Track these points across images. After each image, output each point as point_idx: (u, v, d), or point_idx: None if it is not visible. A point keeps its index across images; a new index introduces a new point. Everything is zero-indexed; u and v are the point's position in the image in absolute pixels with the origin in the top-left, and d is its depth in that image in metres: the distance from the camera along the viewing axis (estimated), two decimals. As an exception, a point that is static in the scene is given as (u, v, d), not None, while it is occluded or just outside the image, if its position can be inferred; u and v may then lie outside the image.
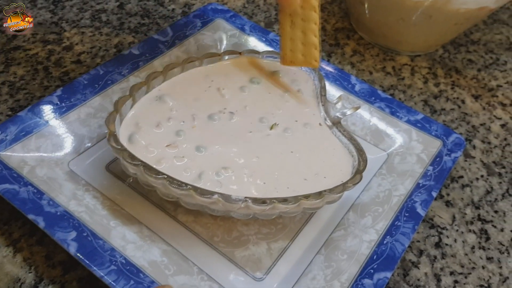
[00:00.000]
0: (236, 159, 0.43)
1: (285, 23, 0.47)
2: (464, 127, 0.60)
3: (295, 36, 0.47)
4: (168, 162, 0.42)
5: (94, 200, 0.44)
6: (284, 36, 0.48)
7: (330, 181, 0.43)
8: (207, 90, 0.48)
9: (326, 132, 0.48)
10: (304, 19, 0.46)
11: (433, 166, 0.51)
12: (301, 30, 0.47)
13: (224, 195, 0.39)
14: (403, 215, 0.46)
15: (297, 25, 0.47)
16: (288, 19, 0.47)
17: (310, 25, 0.46)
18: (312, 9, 0.46)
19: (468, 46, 0.72)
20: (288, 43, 0.48)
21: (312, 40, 0.47)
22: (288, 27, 0.47)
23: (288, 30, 0.47)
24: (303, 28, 0.47)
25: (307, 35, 0.47)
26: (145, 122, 0.44)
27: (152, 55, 0.56)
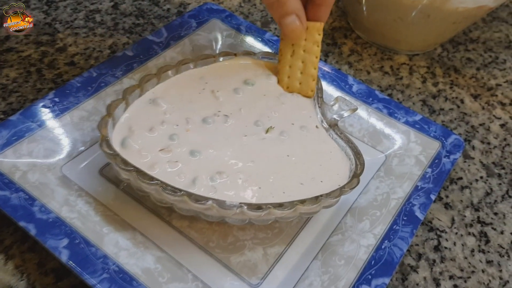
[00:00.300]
0: (231, 163, 0.42)
1: (287, 51, 0.48)
2: (463, 127, 0.60)
3: (294, 64, 0.49)
4: (162, 167, 0.41)
5: (86, 205, 0.44)
6: (283, 62, 0.49)
7: (327, 185, 0.43)
8: (201, 92, 0.47)
9: (323, 135, 0.47)
10: (306, 50, 0.48)
11: (432, 168, 0.50)
12: (301, 60, 0.48)
13: (218, 201, 0.39)
14: (402, 219, 0.46)
15: (298, 55, 0.48)
16: (290, 48, 0.48)
17: (311, 57, 0.48)
18: (316, 44, 0.47)
19: (467, 45, 0.72)
20: (287, 70, 0.49)
21: (311, 71, 0.48)
22: (289, 56, 0.48)
23: (288, 58, 0.49)
24: (304, 59, 0.48)
25: (306, 66, 0.48)
26: (138, 125, 0.43)
27: (146, 57, 0.56)
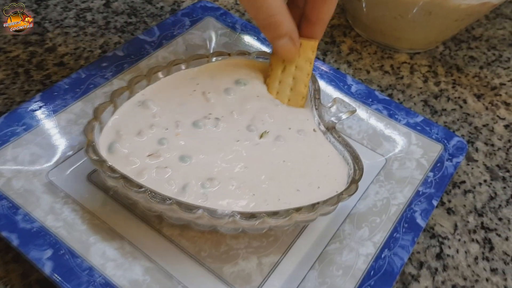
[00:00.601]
0: (223, 169, 0.40)
1: (277, 66, 0.46)
2: (466, 128, 0.58)
3: (284, 81, 0.47)
4: (150, 173, 0.39)
5: (73, 213, 0.42)
6: (273, 77, 0.47)
7: (324, 192, 0.41)
8: (192, 94, 0.45)
9: (320, 138, 0.45)
10: (297, 67, 0.46)
11: (434, 172, 0.48)
12: (292, 77, 0.46)
13: (209, 209, 0.37)
14: (402, 226, 0.44)
15: (289, 71, 0.46)
16: (281, 64, 0.46)
17: (302, 75, 0.46)
18: (308, 61, 0.46)
19: (470, 42, 0.70)
20: (276, 86, 0.47)
21: (301, 90, 0.46)
22: (280, 71, 0.47)
23: (278, 74, 0.47)
24: (295, 76, 0.46)
25: (297, 83, 0.46)
26: (126, 129, 0.41)
27: (137, 57, 0.54)
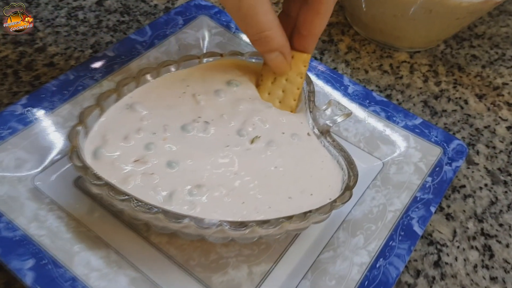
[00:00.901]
0: (211, 175, 0.39)
1: (268, 77, 0.45)
2: (467, 130, 0.56)
3: (274, 92, 0.45)
4: (136, 180, 0.37)
5: (58, 221, 0.40)
6: (262, 88, 0.46)
7: (317, 199, 0.39)
8: (181, 96, 0.44)
9: (315, 143, 0.43)
10: (288, 80, 0.45)
11: (432, 177, 0.46)
12: (282, 89, 0.45)
13: (196, 218, 0.35)
14: (398, 234, 0.42)
15: (279, 83, 0.45)
16: (271, 75, 0.45)
17: (293, 88, 0.45)
18: (299, 75, 0.44)
19: (472, 41, 0.68)
20: (266, 97, 0.46)
21: (290, 103, 0.45)
22: (270, 82, 0.45)
23: (268, 85, 0.45)
24: (285, 88, 0.45)
25: (286, 96, 0.45)
26: (112, 134, 0.40)
27: (128, 57, 0.52)
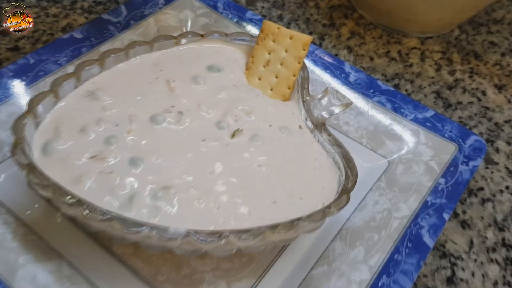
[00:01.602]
0: (182, 176, 0.33)
1: (259, 60, 0.40)
2: (485, 125, 0.49)
3: (265, 77, 0.40)
4: (91, 179, 0.31)
5: (3, 227, 0.35)
6: (253, 72, 0.40)
7: (308, 204, 0.33)
8: (153, 82, 0.38)
9: (308, 137, 0.37)
10: (284, 64, 0.39)
11: (446, 179, 0.40)
12: (275, 75, 0.39)
13: (159, 227, 0.29)
14: (405, 246, 0.36)
15: (273, 67, 0.39)
16: (264, 57, 0.40)
17: (288, 74, 0.39)
18: (297, 59, 0.39)
19: (490, 26, 0.61)
20: (256, 83, 0.40)
21: (284, 91, 0.40)
22: (261, 66, 0.40)
23: (260, 69, 0.40)
24: (279, 74, 0.39)
25: (280, 83, 0.39)
26: (67, 125, 0.34)
27: (99, 39, 0.46)
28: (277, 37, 0.39)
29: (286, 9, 0.59)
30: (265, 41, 0.39)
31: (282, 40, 0.39)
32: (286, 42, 0.39)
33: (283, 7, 0.59)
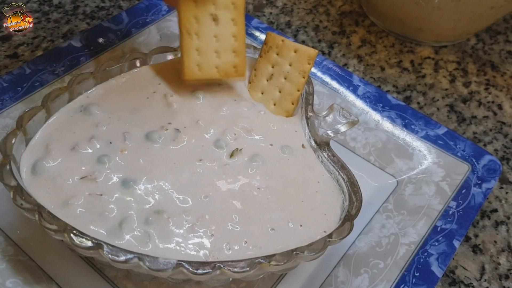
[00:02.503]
0: (175, 198, 0.31)
1: (262, 74, 0.38)
2: (500, 141, 0.47)
3: (269, 91, 0.38)
4: (80, 201, 0.30)
5: (-9, 247, 0.33)
6: (255, 85, 0.38)
7: (309, 232, 0.31)
8: (150, 97, 0.36)
9: (311, 158, 0.35)
10: (287, 79, 0.37)
11: (457, 202, 0.38)
12: (279, 89, 0.38)
13: (149, 257, 0.27)
14: (413, 275, 0.34)
15: (276, 81, 0.37)
16: (268, 70, 0.38)
17: (292, 89, 0.37)
18: (302, 74, 0.37)
19: (508, 35, 0.58)
20: (259, 97, 0.38)
21: (287, 106, 0.38)
22: (264, 80, 0.38)
23: (263, 83, 0.38)
24: (282, 88, 0.37)
25: (284, 98, 0.38)
26: (58, 143, 0.33)
27: (98, 48, 0.45)
28: (281, 50, 0.37)
29: (294, 15, 0.57)
30: (268, 53, 0.38)
31: (287, 53, 0.37)
32: (290, 56, 0.37)
33: (292, 13, 0.57)
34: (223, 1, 0.34)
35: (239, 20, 0.35)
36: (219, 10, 0.34)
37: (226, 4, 0.34)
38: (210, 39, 0.35)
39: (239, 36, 0.35)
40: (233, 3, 0.35)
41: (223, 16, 0.35)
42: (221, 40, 0.35)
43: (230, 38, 0.35)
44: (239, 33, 0.35)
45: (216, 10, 0.34)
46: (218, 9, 0.34)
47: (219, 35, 0.35)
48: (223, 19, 0.35)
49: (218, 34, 0.35)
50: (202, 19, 0.34)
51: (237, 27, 0.35)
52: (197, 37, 0.35)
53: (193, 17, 0.34)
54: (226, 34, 0.35)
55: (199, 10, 0.34)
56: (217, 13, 0.34)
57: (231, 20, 0.35)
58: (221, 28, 0.35)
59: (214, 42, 0.35)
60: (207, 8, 0.34)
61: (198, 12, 0.34)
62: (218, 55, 0.35)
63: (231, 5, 0.35)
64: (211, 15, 0.34)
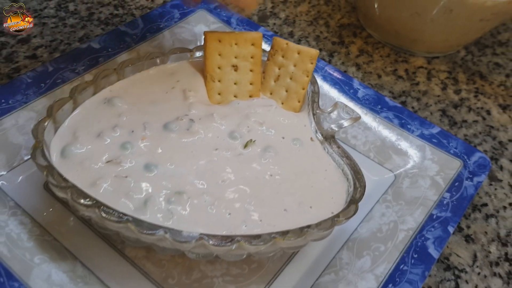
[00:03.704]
0: (195, 181, 0.34)
1: (270, 76, 0.41)
2: (489, 143, 0.50)
3: (276, 92, 0.41)
4: (107, 183, 0.32)
5: (20, 227, 0.36)
6: (264, 87, 0.41)
7: (318, 213, 0.34)
8: (169, 91, 0.39)
9: (318, 149, 0.38)
10: (293, 78, 0.40)
11: (451, 193, 0.41)
12: (286, 89, 0.41)
13: (173, 230, 0.30)
14: (411, 257, 0.36)
15: (282, 81, 0.41)
16: (274, 72, 0.41)
17: (297, 88, 0.40)
18: (306, 73, 0.40)
19: (495, 48, 0.62)
20: (267, 97, 0.41)
21: (294, 104, 0.41)
22: (272, 81, 0.41)
23: (270, 84, 0.41)
24: (288, 88, 0.41)
25: (290, 96, 0.41)
26: (84, 131, 0.35)
27: (116, 50, 0.47)
28: (286, 53, 0.40)
29: (296, 26, 0.60)
30: (274, 56, 0.41)
31: (291, 55, 0.40)
32: (294, 57, 0.40)
33: (294, 24, 0.60)
34: (244, 54, 0.39)
35: (256, 69, 0.40)
36: (240, 61, 0.39)
37: (246, 57, 0.40)
38: (230, 84, 0.40)
39: (255, 82, 0.41)
40: (252, 56, 0.40)
41: (242, 66, 0.40)
42: (240, 85, 0.40)
43: (248, 85, 0.40)
44: (256, 80, 0.41)
45: (237, 61, 0.40)
46: (239, 60, 0.40)
47: (238, 82, 0.40)
48: (242, 68, 0.40)
49: (237, 80, 0.40)
50: (225, 69, 0.40)
51: (253, 74, 0.40)
52: (219, 83, 0.40)
53: (217, 66, 0.40)
54: (244, 81, 0.40)
55: (223, 61, 0.40)
56: (238, 64, 0.40)
57: (249, 71, 0.40)
58: (240, 76, 0.40)
59: (233, 86, 0.40)
60: (230, 59, 0.40)
61: (222, 63, 0.40)
62: (236, 97, 0.40)
63: (250, 59, 0.40)
64: (232, 66, 0.40)
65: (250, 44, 0.39)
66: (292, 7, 0.63)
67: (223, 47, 0.39)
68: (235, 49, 0.39)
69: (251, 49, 0.39)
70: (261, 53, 0.40)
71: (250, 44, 0.39)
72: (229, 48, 0.39)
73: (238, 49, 0.39)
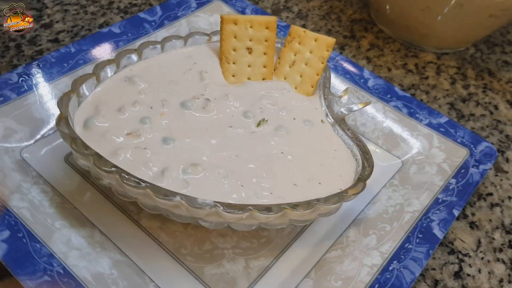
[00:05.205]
0: (210, 155, 0.35)
1: (285, 61, 0.43)
2: (496, 136, 0.51)
3: (291, 77, 0.43)
4: (127, 153, 0.34)
5: (41, 195, 0.37)
6: (279, 72, 0.43)
7: (326, 189, 0.35)
8: (186, 72, 0.40)
9: (328, 130, 0.40)
10: (308, 64, 0.42)
11: (457, 179, 0.42)
12: (300, 74, 0.42)
13: (188, 197, 0.31)
14: (416, 236, 0.38)
15: (298, 67, 0.42)
16: (290, 58, 0.42)
17: (312, 73, 0.42)
18: (321, 60, 0.41)
19: (504, 47, 0.63)
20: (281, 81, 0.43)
21: (307, 89, 0.43)
22: (287, 66, 0.43)
23: (285, 69, 0.43)
24: (303, 73, 0.42)
25: (304, 81, 0.42)
26: (106, 105, 0.37)
27: (135, 35, 0.49)
28: (303, 40, 0.42)
29: (309, 20, 0.62)
30: (291, 43, 0.42)
31: (307, 42, 0.42)
32: (311, 44, 0.42)
33: (307, 18, 0.62)
34: (258, 37, 0.41)
35: (270, 53, 0.42)
36: (254, 44, 0.41)
37: (260, 40, 0.41)
38: (244, 66, 0.42)
39: (269, 65, 0.42)
40: (266, 40, 0.41)
41: (256, 49, 0.41)
42: (253, 67, 0.42)
43: (261, 67, 0.42)
44: (269, 63, 0.42)
45: (252, 44, 0.41)
46: (254, 43, 0.41)
47: (252, 64, 0.42)
48: (256, 51, 0.42)
49: (251, 63, 0.42)
50: (239, 51, 0.41)
51: (267, 58, 0.42)
52: (234, 65, 0.42)
53: (232, 48, 0.41)
54: (258, 63, 0.42)
55: (238, 43, 0.41)
56: (252, 47, 0.41)
57: (263, 54, 0.42)
58: (254, 59, 0.42)
59: (247, 69, 0.42)
60: (245, 42, 0.41)
61: (237, 45, 0.41)
62: (250, 79, 0.42)
63: (265, 42, 0.41)
64: (247, 49, 0.41)
65: (264, 27, 0.41)
66: (305, 1, 0.64)
67: (238, 30, 0.40)
68: (250, 32, 0.40)
69: (266, 33, 0.41)
70: (275, 37, 0.41)
71: (265, 27, 0.41)
72: (244, 30, 0.40)
73: (253, 32, 0.41)
